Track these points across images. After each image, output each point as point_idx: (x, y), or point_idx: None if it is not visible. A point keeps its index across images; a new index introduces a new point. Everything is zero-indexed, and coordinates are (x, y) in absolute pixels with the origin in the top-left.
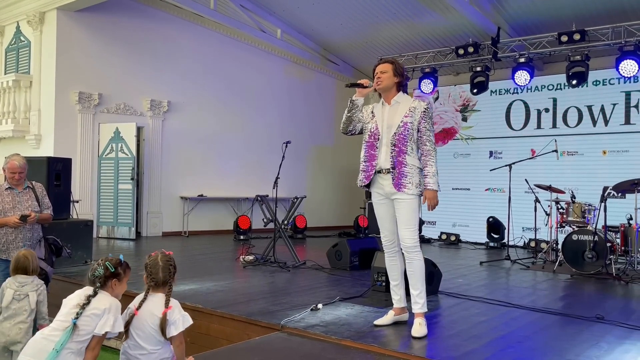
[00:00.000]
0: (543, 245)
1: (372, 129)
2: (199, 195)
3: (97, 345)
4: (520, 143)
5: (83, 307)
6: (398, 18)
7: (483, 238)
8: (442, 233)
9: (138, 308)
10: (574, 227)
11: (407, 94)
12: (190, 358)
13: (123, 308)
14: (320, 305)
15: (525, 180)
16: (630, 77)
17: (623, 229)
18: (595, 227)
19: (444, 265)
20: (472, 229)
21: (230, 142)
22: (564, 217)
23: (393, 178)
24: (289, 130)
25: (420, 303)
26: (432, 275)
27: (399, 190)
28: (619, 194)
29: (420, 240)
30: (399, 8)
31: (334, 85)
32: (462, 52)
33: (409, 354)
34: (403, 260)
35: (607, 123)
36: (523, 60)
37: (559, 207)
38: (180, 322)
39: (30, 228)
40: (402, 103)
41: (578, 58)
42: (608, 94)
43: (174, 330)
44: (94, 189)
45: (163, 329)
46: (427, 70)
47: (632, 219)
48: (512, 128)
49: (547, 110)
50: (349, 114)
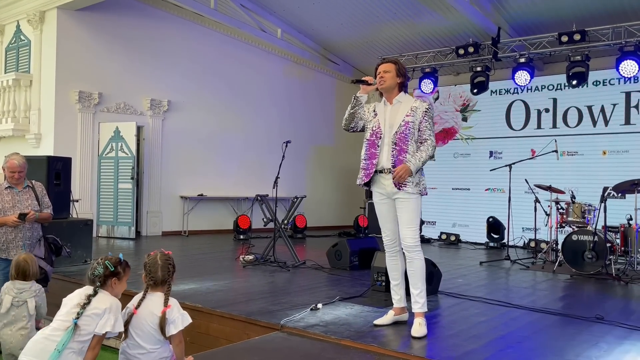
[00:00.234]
0: (543, 246)
1: (374, 127)
2: (199, 195)
3: (97, 345)
4: (520, 143)
5: (84, 306)
6: (398, 18)
7: (483, 238)
8: (442, 233)
9: (137, 307)
10: (574, 227)
11: (408, 94)
12: (190, 357)
13: (122, 307)
14: (320, 305)
15: (525, 181)
16: (631, 77)
17: (623, 230)
18: (595, 227)
19: (444, 265)
20: (472, 229)
21: (231, 141)
22: (564, 217)
23: (393, 177)
24: (289, 130)
25: (421, 303)
26: (432, 275)
27: (400, 190)
28: (619, 195)
29: (420, 240)
30: (400, 8)
31: (334, 85)
32: (462, 52)
33: (409, 354)
34: (404, 260)
35: (607, 123)
36: (523, 61)
37: (559, 207)
38: (180, 320)
39: (30, 227)
40: (403, 103)
41: (578, 58)
42: (608, 94)
43: (173, 329)
44: (94, 188)
45: (162, 328)
46: (427, 70)
47: (632, 220)
48: (512, 128)
49: (547, 111)
50: (352, 110)
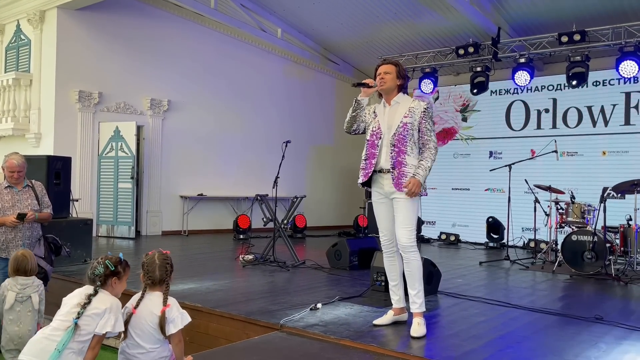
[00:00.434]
0: (542, 246)
1: (374, 128)
2: (199, 195)
3: (97, 345)
4: (520, 143)
5: (84, 306)
6: (398, 18)
7: (482, 238)
8: (441, 233)
9: (136, 307)
10: (574, 227)
11: (407, 95)
12: (189, 357)
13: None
14: (320, 305)
15: (525, 181)
16: (630, 77)
17: (622, 230)
18: (595, 227)
19: (444, 265)
20: (471, 229)
21: (230, 141)
22: (564, 217)
23: (393, 178)
24: (289, 130)
25: (418, 303)
26: (431, 275)
27: (400, 190)
28: (619, 195)
29: (420, 240)
30: (400, 8)
31: (334, 85)
32: (462, 52)
33: (408, 354)
34: (401, 261)
35: (607, 124)
36: (523, 61)
37: (559, 207)
38: (179, 319)
39: (30, 227)
40: (401, 103)
41: (578, 58)
42: (608, 95)
43: (173, 328)
44: (94, 188)
45: (162, 327)
46: (427, 70)
47: (631, 220)
48: (512, 128)
49: (547, 111)
50: (354, 114)
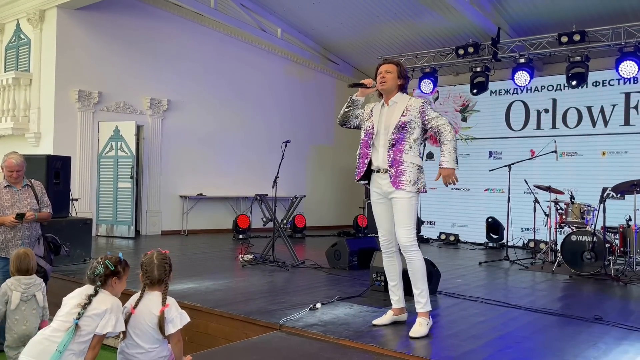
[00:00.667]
0: (542, 246)
1: (368, 128)
2: (198, 194)
3: (97, 344)
4: (520, 144)
5: (84, 307)
6: (398, 18)
7: (482, 238)
8: (441, 233)
9: (135, 307)
10: (573, 227)
11: (405, 94)
12: (189, 357)
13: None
14: (319, 305)
15: (525, 181)
16: (630, 78)
17: (622, 230)
18: (594, 228)
19: (443, 266)
20: (471, 229)
21: (230, 141)
22: (563, 217)
23: (391, 176)
24: (289, 130)
25: (423, 302)
26: (430, 275)
27: (397, 188)
28: (618, 195)
29: (419, 240)
30: (400, 8)
31: (334, 85)
32: (462, 52)
33: (408, 354)
34: (401, 261)
35: (606, 124)
36: (523, 61)
37: (558, 207)
38: (178, 319)
39: (29, 226)
40: (399, 103)
41: (578, 59)
42: (608, 95)
43: (172, 328)
44: (93, 188)
45: (161, 327)
46: (427, 70)
47: (631, 220)
48: (511, 129)
49: (546, 111)
50: (347, 110)
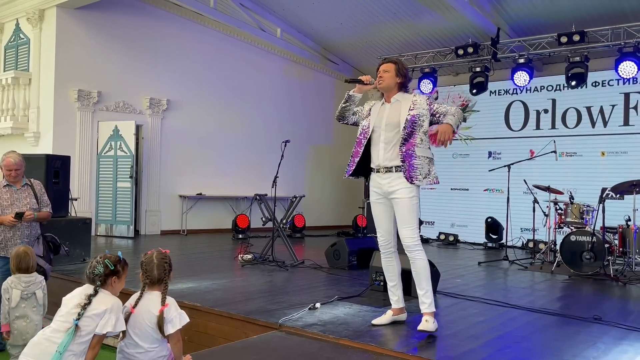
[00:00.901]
0: (541, 246)
1: (364, 127)
2: (198, 194)
3: (97, 344)
4: (519, 144)
5: (84, 307)
6: (398, 18)
7: (481, 238)
8: (440, 233)
9: (134, 306)
10: (572, 228)
11: (407, 93)
12: (188, 357)
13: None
14: (318, 305)
15: (524, 181)
16: (630, 78)
17: (621, 230)
18: (594, 228)
19: (442, 265)
20: (470, 230)
21: (230, 140)
22: (563, 218)
23: (404, 171)
24: (288, 129)
25: (427, 302)
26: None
27: (412, 183)
28: (617, 195)
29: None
30: (399, 8)
31: (334, 85)
32: (461, 52)
33: (407, 354)
34: (399, 261)
35: (606, 124)
36: (522, 61)
37: (558, 207)
38: (177, 320)
39: (29, 225)
40: (402, 101)
41: (577, 59)
42: (607, 95)
43: (171, 328)
44: (93, 187)
45: (160, 327)
46: (426, 71)
47: (630, 220)
48: (511, 129)
49: (546, 111)
50: (344, 105)
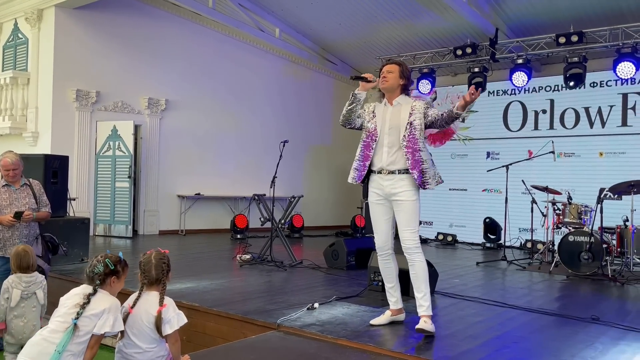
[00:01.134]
0: (539, 246)
1: (370, 129)
2: (196, 194)
3: (96, 344)
4: (518, 144)
5: (83, 306)
6: (396, 18)
7: (480, 239)
8: (438, 233)
9: (133, 306)
10: (570, 228)
11: (407, 96)
12: (186, 357)
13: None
14: (317, 305)
15: (522, 182)
16: (628, 79)
17: (619, 231)
18: (592, 228)
19: (441, 266)
20: (468, 230)
21: (228, 141)
22: (561, 218)
23: (416, 178)
24: (287, 130)
25: (425, 306)
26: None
27: (425, 189)
28: (615, 196)
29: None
30: (398, 8)
31: (332, 85)
32: (460, 52)
33: (405, 354)
34: (397, 262)
35: (604, 125)
36: (521, 62)
37: (556, 208)
38: (175, 320)
39: (27, 225)
40: (403, 104)
41: (576, 60)
42: (605, 96)
43: (169, 329)
44: (91, 187)
45: (158, 327)
46: (425, 71)
47: (628, 221)
48: (509, 129)
49: (544, 112)
50: (350, 107)
